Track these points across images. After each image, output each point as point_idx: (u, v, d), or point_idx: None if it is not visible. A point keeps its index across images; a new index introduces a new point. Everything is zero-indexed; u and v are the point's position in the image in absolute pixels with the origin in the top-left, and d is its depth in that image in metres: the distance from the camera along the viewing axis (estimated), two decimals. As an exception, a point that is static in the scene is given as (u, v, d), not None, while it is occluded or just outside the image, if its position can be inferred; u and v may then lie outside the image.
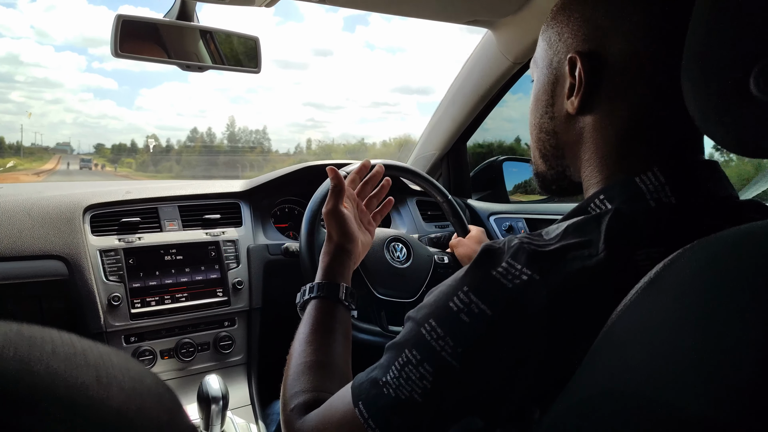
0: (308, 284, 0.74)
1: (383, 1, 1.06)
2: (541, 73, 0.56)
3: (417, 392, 0.45)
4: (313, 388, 0.59)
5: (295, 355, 0.65)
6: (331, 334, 0.67)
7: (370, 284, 1.02)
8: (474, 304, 0.43)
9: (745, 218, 0.44)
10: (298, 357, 0.64)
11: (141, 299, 1.08)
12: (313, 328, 0.67)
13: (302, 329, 0.68)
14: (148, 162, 40.54)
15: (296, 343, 0.67)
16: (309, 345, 0.65)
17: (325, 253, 0.76)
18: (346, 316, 0.71)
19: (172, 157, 47.44)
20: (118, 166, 38.82)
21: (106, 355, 0.23)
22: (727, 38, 0.37)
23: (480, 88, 1.38)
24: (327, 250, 0.77)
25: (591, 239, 0.43)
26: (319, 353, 0.64)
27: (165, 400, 0.24)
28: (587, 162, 0.52)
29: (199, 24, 1.00)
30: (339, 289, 0.72)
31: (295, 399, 0.59)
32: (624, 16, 0.48)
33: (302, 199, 1.38)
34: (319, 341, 0.66)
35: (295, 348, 0.67)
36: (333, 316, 0.69)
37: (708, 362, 0.30)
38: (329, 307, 0.70)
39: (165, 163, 41.14)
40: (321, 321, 0.68)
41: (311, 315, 0.69)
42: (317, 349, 0.65)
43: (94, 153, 47.37)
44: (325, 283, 0.72)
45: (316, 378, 0.61)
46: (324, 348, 0.65)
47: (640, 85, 0.48)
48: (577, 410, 0.37)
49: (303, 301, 0.73)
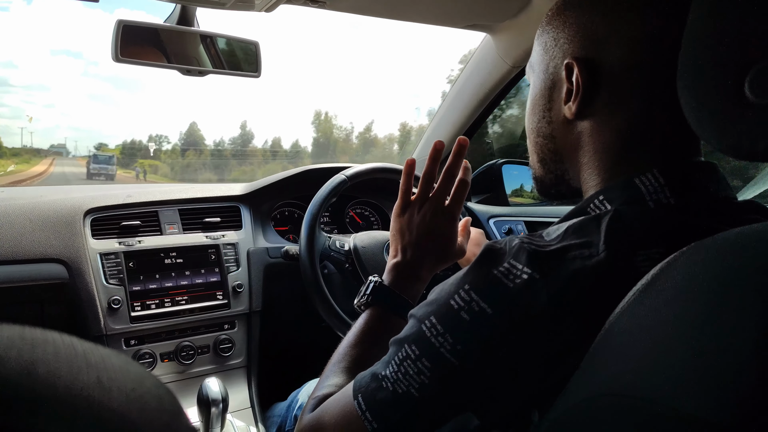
0: (374, 281, 0.69)
1: (383, 6, 1.06)
2: (538, 78, 0.56)
3: (414, 387, 0.46)
4: (335, 385, 0.60)
5: (336, 357, 0.65)
6: (381, 340, 0.65)
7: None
8: (474, 303, 0.44)
9: (744, 219, 0.45)
10: (338, 359, 0.64)
11: (141, 302, 1.08)
12: (364, 333, 0.66)
13: (354, 330, 0.67)
14: (177, 165, 35.76)
15: (344, 343, 0.66)
16: (355, 345, 0.65)
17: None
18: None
19: (194, 160, 42.22)
20: (146, 172, 27.84)
21: (107, 358, 0.23)
22: (722, 43, 0.37)
23: (479, 92, 1.38)
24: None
25: (591, 240, 0.43)
26: (360, 357, 0.63)
27: (165, 402, 0.24)
28: (586, 165, 0.52)
29: (199, 29, 1.00)
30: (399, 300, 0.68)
31: (319, 390, 0.60)
32: (620, 21, 0.48)
33: (302, 203, 1.38)
34: (366, 345, 0.65)
35: (340, 347, 0.66)
36: (386, 325, 0.66)
37: (706, 363, 0.30)
38: (388, 317, 0.67)
39: (193, 168, 35.35)
40: (374, 328, 0.66)
41: (366, 319, 0.67)
42: (360, 353, 0.64)
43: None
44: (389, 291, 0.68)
45: (350, 378, 0.61)
46: (368, 353, 0.64)
47: (637, 90, 0.48)
48: (577, 411, 0.37)
49: (364, 302, 0.69)
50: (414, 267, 0.70)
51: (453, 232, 0.72)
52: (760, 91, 0.35)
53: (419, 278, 0.70)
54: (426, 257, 0.70)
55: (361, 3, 1.03)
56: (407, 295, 0.68)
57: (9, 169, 27.15)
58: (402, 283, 0.69)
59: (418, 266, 0.70)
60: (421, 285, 0.71)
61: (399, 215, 0.73)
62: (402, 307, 0.66)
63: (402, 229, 0.72)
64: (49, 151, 34.88)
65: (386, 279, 0.70)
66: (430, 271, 0.72)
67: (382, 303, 0.67)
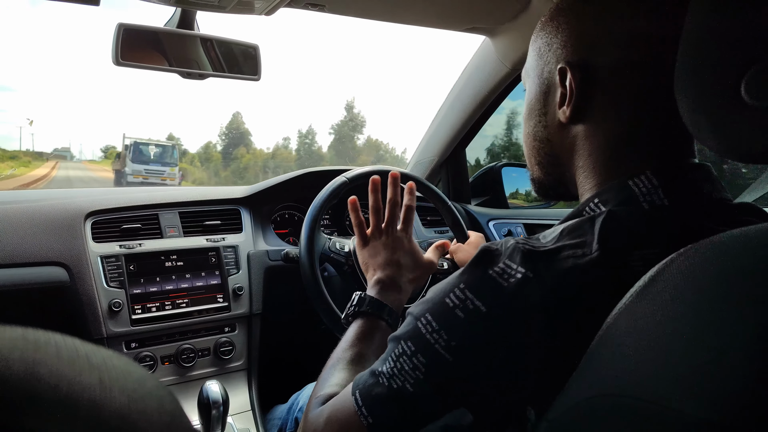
0: (359, 294, 0.75)
1: (383, 9, 1.07)
2: (533, 83, 0.57)
3: (409, 382, 0.47)
4: (336, 384, 0.61)
5: (334, 358, 0.67)
6: (372, 343, 0.69)
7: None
8: (469, 301, 0.44)
9: (739, 221, 0.45)
10: (333, 362, 0.66)
11: (142, 305, 1.08)
12: (357, 337, 0.69)
13: (346, 336, 0.70)
14: (218, 167, 31.43)
15: (338, 348, 0.69)
16: (350, 348, 0.67)
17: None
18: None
19: (250, 161, 37.10)
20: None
21: (108, 359, 0.23)
22: (719, 45, 0.38)
23: (478, 94, 1.39)
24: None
25: (585, 240, 0.44)
26: (357, 357, 0.66)
27: (166, 404, 0.24)
28: (581, 168, 0.53)
29: (199, 32, 1.01)
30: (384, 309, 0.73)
31: (320, 390, 0.61)
32: (612, 25, 0.49)
33: (302, 205, 1.39)
34: (360, 347, 0.68)
35: (335, 352, 0.68)
36: (375, 326, 0.71)
37: (704, 364, 0.30)
38: (375, 322, 0.72)
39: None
40: (365, 332, 0.70)
41: (357, 325, 0.71)
42: (357, 352, 0.67)
43: (104, 158, 35.10)
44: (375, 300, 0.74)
45: (348, 376, 0.62)
46: (363, 353, 0.67)
47: (629, 93, 0.49)
48: (576, 412, 0.37)
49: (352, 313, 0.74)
50: (393, 278, 0.77)
51: (414, 248, 0.83)
52: (757, 93, 0.35)
53: (401, 289, 0.78)
54: (401, 269, 0.79)
55: (361, 6, 1.04)
56: (391, 305, 0.74)
57: (7, 172, 24.10)
58: (386, 295, 0.75)
59: (397, 277, 0.78)
60: (403, 295, 0.77)
61: (362, 247, 0.83)
62: (387, 312, 0.72)
63: (372, 254, 0.81)
64: (53, 154, 32.58)
65: (370, 292, 0.76)
66: (410, 282, 0.80)
67: (368, 310, 0.72)
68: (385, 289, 0.76)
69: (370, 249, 0.81)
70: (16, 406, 0.19)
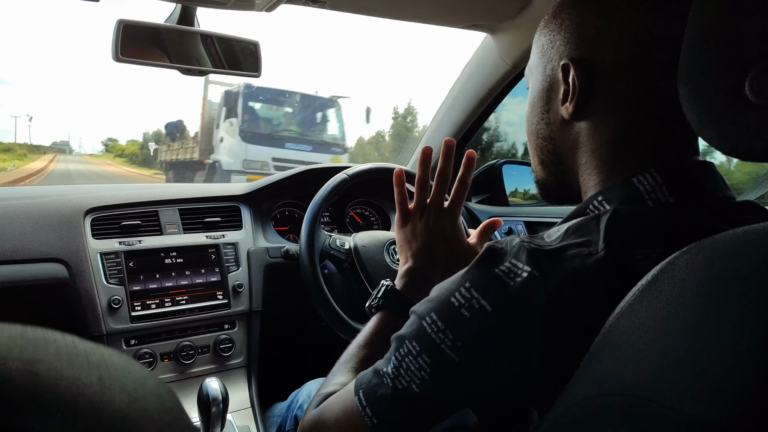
0: (386, 284, 0.70)
1: (384, 6, 1.06)
2: (536, 81, 0.57)
3: (415, 383, 0.46)
4: (340, 383, 0.61)
5: (344, 357, 0.66)
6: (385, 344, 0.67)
7: (370, 286, 1.02)
8: (475, 300, 0.44)
9: (742, 219, 0.45)
10: (346, 359, 0.65)
11: (141, 302, 1.08)
12: (373, 335, 0.67)
13: (363, 332, 0.68)
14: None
15: (352, 344, 0.67)
16: (364, 346, 0.66)
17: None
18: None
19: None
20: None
21: (108, 357, 0.23)
22: (722, 43, 0.38)
23: (479, 92, 1.38)
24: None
25: (591, 239, 0.43)
26: (369, 357, 0.64)
27: (166, 402, 0.24)
28: (584, 166, 0.53)
29: (199, 28, 1.00)
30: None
31: (325, 388, 0.61)
32: (614, 21, 0.48)
33: (302, 202, 1.38)
34: (374, 347, 0.65)
35: (349, 348, 0.67)
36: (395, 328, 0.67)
37: (707, 363, 0.30)
38: (397, 321, 0.66)
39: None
40: (383, 330, 0.66)
41: (376, 322, 0.68)
42: (370, 352, 0.65)
43: (105, 152, 31.81)
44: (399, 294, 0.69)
45: (351, 378, 0.61)
46: (377, 354, 0.63)
47: (632, 90, 0.49)
48: (577, 411, 0.37)
49: (375, 305, 0.70)
50: (426, 272, 0.70)
51: (458, 233, 0.72)
52: (760, 91, 0.35)
53: (432, 283, 0.70)
54: (437, 261, 0.70)
55: (362, 3, 1.04)
56: (418, 300, 0.69)
57: (8, 167, 21.84)
58: (414, 288, 0.69)
59: (429, 271, 0.70)
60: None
61: (401, 226, 0.73)
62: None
63: (408, 239, 0.72)
64: (51, 147, 31.80)
65: (398, 284, 0.70)
66: (443, 276, 0.72)
67: (392, 306, 0.68)
68: (415, 281, 0.69)
69: (408, 231, 0.72)
70: (15, 404, 0.19)
